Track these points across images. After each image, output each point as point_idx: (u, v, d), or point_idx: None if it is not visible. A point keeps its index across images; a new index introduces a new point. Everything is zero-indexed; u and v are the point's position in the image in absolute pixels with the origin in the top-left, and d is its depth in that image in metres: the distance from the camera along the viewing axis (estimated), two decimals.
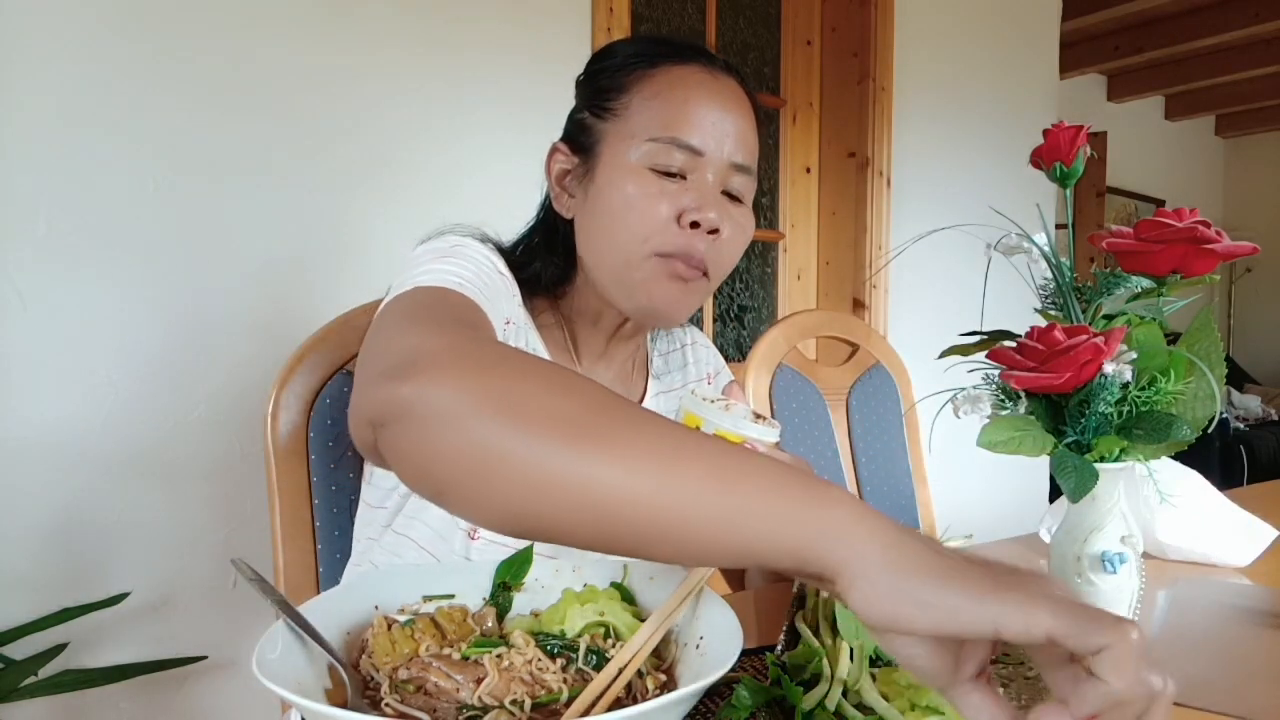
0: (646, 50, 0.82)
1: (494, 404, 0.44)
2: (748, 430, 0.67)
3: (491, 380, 0.45)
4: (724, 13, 2.44)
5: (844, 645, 0.56)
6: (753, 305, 2.60)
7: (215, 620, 1.47)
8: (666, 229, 0.76)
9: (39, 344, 1.32)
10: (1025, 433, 0.67)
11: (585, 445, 0.42)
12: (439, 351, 0.48)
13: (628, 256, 0.77)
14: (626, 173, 0.77)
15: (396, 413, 0.46)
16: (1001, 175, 2.84)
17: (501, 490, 0.43)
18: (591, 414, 0.44)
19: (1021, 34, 2.95)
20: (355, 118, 1.61)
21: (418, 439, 0.45)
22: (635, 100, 0.79)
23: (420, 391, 0.45)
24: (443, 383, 0.45)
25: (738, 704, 0.53)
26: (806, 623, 0.66)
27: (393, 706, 0.51)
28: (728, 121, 0.79)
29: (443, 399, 0.44)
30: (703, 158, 0.77)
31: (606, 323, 0.85)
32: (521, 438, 0.42)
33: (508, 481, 0.43)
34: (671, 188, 0.77)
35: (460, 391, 0.44)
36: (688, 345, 1.01)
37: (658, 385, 0.94)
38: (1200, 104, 5.67)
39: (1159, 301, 0.70)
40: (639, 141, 0.77)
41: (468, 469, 0.43)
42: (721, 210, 0.77)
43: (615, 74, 0.81)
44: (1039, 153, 0.73)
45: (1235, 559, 1.02)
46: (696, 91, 0.78)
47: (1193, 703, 0.63)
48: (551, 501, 0.42)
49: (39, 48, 1.31)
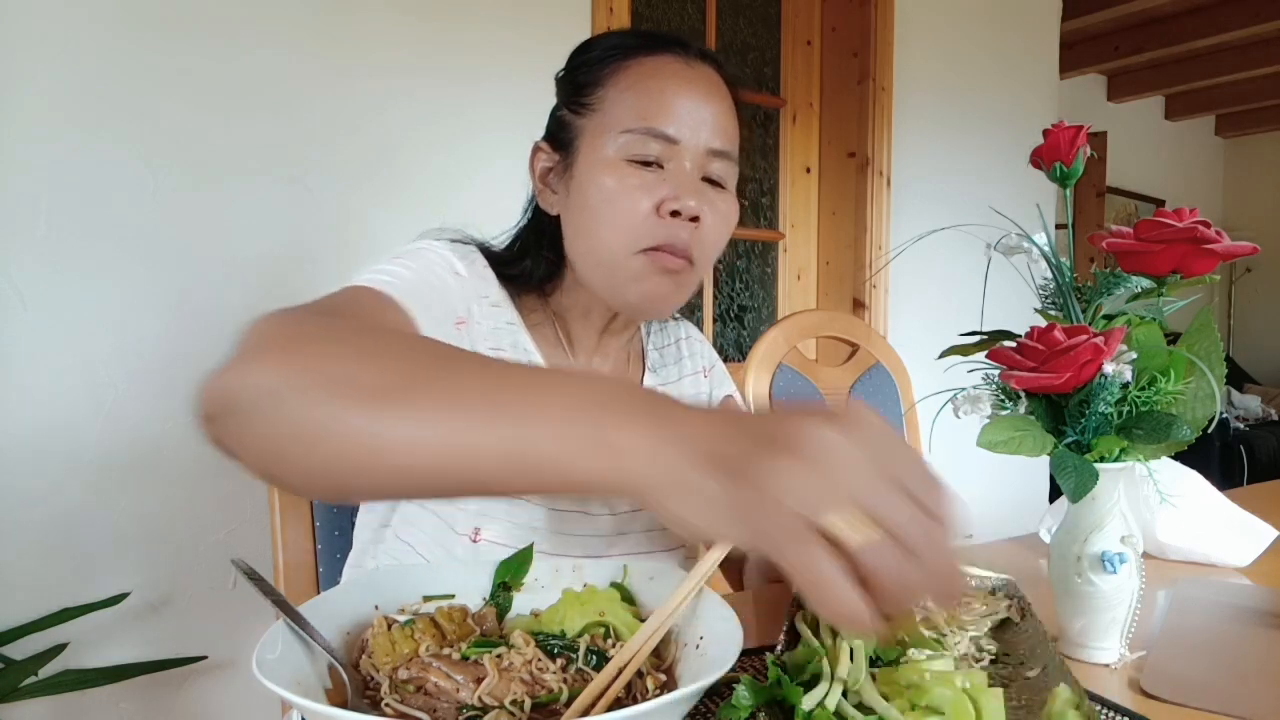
0: (620, 43, 0.82)
1: (304, 380, 0.45)
2: None
3: (302, 359, 0.46)
4: (724, 13, 2.44)
5: (844, 645, 0.56)
6: (753, 305, 2.60)
7: (215, 620, 1.47)
8: (647, 221, 0.77)
9: (39, 344, 1.32)
10: (1025, 433, 0.67)
11: (381, 407, 0.43)
12: (256, 341, 0.49)
13: (613, 254, 0.78)
14: (604, 166, 0.78)
15: (221, 405, 0.47)
16: (1001, 175, 2.84)
17: (320, 462, 0.44)
18: (395, 375, 0.45)
19: (1021, 34, 2.95)
20: (355, 118, 1.61)
21: (242, 425, 0.47)
22: (610, 94, 0.80)
23: (238, 381, 0.46)
24: (255, 369, 0.46)
25: (738, 704, 0.53)
26: (806, 623, 0.66)
27: (393, 706, 0.51)
28: (703, 108, 0.79)
29: (257, 384, 0.46)
30: (679, 145, 0.77)
31: (597, 317, 0.86)
32: (328, 408, 0.44)
33: (324, 454, 0.44)
34: (649, 178, 0.77)
35: (271, 374, 0.46)
36: (682, 339, 1.01)
37: (654, 378, 0.94)
38: (1200, 104, 5.67)
39: (1159, 301, 0.70)
40: (615, 134, 0.78)
41: (286, 447, 0.45)
42: (701, 197, 0.77)
43: (591, 69, 0.82)
44: (1039, 153, 0.73)
45: (1235, 559, 1.02)
46: (670, 81, 0.79)
47: (1193, 703, 0.63)
48: (360, 466, 0.44)
49: (39, 48, 1.31)
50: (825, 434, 0.37)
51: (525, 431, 0.41)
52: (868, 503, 0.36)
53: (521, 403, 0.43)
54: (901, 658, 0.63)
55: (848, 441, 0.37)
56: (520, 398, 0.43)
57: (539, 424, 0.41)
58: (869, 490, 0.36)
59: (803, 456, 0.36)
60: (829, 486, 0.36)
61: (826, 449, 0.37)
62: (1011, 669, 0.64)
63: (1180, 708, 0.62)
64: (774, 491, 0.36)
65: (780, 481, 0.36)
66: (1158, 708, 0.62)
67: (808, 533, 0.36)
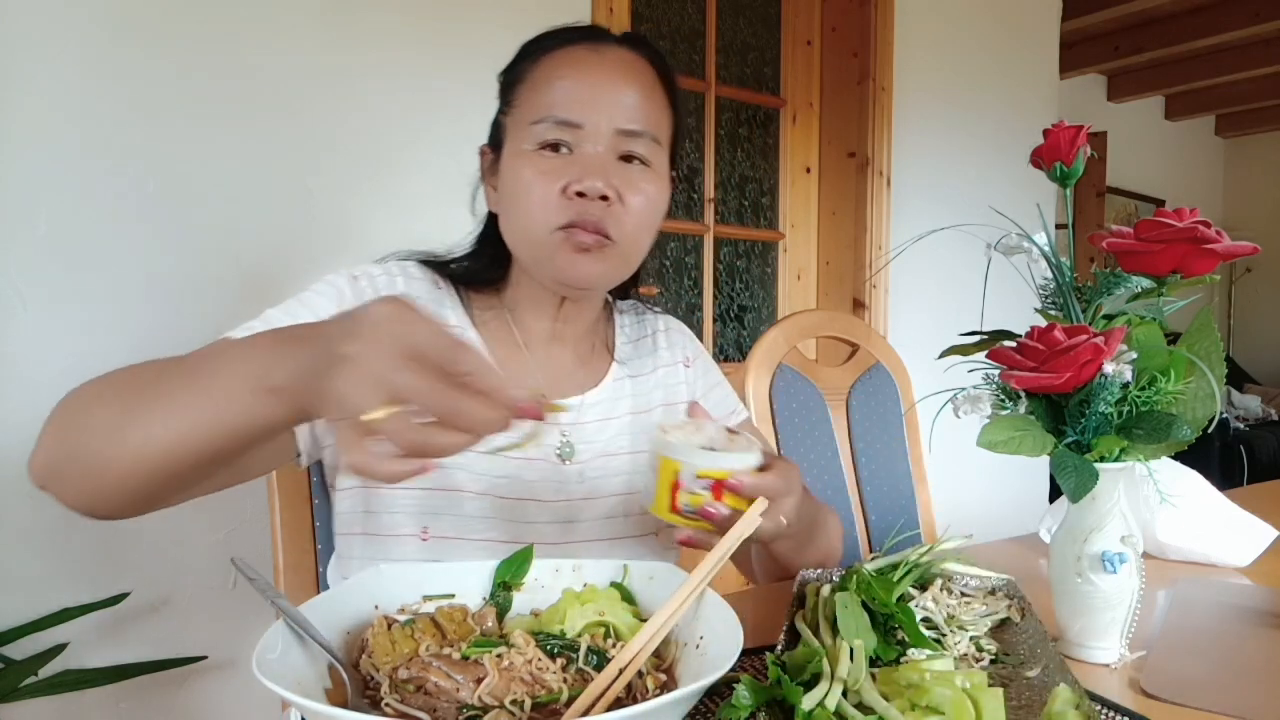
0: (537, 42, 0.87)
1: (67, 446, 0.61)
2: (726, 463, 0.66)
3: (62, 430, 0.62)
4: (724, 13, 2.44)
5: (844, 645, 0.56)
6: (753, 305, 2.60)
7: (215, 620, 1.47)
8: (558, 203, 0.80)
9: (39, 344, 1.32)
10: (1025, 433, 0.67)
11: (115, 435, 0.57)
12: (45, 425, 0.63)
13: (532, 236, 0.82)
14: (520, 157, 0.82)
15: (40, 482, 0.63)
16: (1001, 175, 2.84)
17: (110, 486, 0.59)
18: (120, 405, 0.59)
19: (1021, 34, 2.95)
20: (356, 119, 1.61)
21: (59, 489, 0.62)
22: (524, 91, 0.84)
23: (36, 465, 0.63)
24: (39, 453, 0.62)
25: (738, 704, 0.53)
26: (806, 623, 0.66)
27: (393, 706, 0.51)
28: (610, 92, 0.81)
29: (45, 461, 0.62)
30: (583, 130, 0.80)
31: (546, 306, 0.88)
32: (88, 454, 0.59)
33: (107, 481, 0.59)
34: (557, 163, 0.80)
35: (48, 450, 0.62)
36: (660, 332, 1.01)
37: (623, 369, 0.95)
38: (1200, 104, 5.67)
39: (1159, 301, 0.70)
40: (527, 126, 0.82)
41: (89, 492, 0.61)
42: (609, 177, 0.80)
43: (512, 70, 0.88)
44: (1039, 153, 0.73)
45: (1235, 559, 1.02)
46: (573, 69, 0.82)
47: (1193, 703, 0.63)
48: (128, 474, 0.58)
49: (39, 49, 1.31)
50: (351, 348, 0.46)
51: (216, 405, 0.54)
52: (390, 392, 0.45)
53: (208, 386, 0.55)
54: (901, 658, 0.63)
55: (370, 348, 0.46)
56: (207, 382, 0.55)
57: (222, 397, 0.54)
58: (388, 381, 0.45)
59: (336, 376, 0.46)
60: (357, 394, 0.45)
61: (354, 358, 0.46)
62: (1011, 669, 0.64)
63: (1180, 708, 0.62)
64: (330, 406, 0.47)
65: (330, 401, 0.47)
66: (1158, 708, 0.62)
67: (354, 433, 0.46)
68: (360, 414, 0.45)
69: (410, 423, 0.46)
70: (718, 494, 0.66)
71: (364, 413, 0.45)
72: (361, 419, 0.45)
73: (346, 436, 0.46)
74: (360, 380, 0.46)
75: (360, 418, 0.45)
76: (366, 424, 0.45)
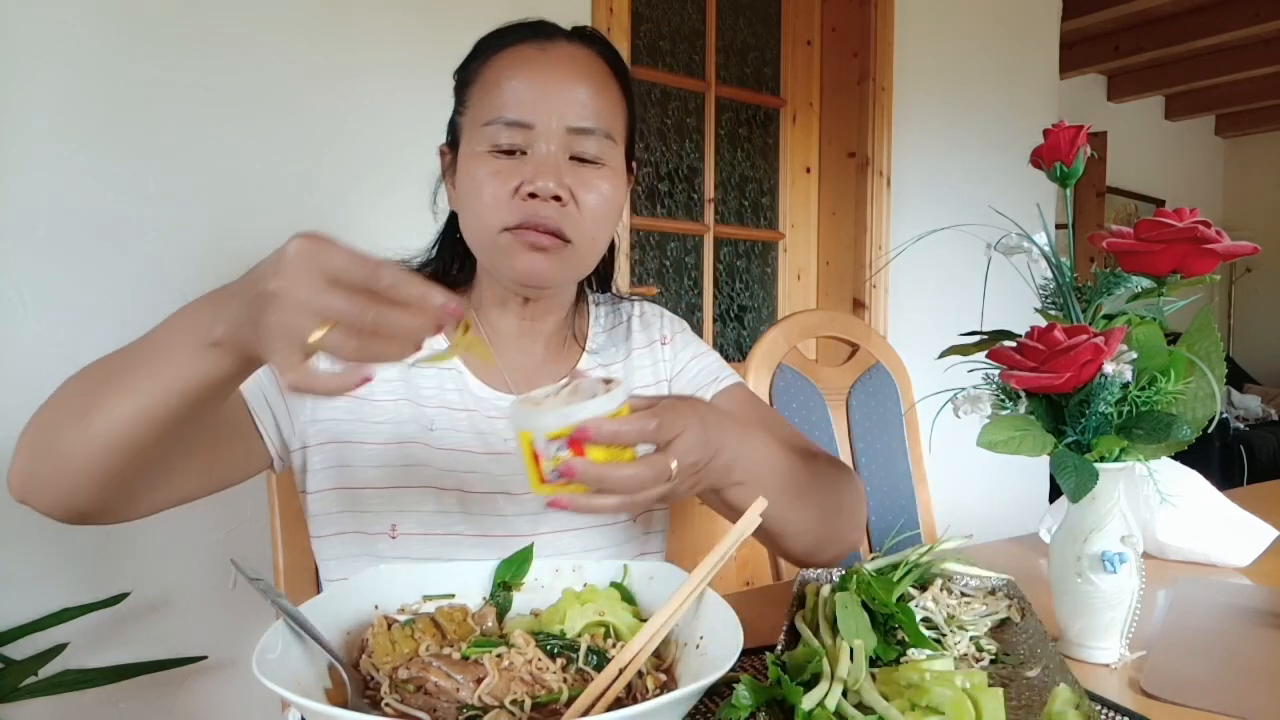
0: (487, 41, 0.86)
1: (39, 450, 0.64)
2: (573, 416, 0.59)
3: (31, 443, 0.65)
4: (724, 13, 2.44)
5: (844, 645, 0.56)
6: (753, 305, 2.60)
7: (215, 620, 1.47)
8: (510, 204, 0.80)
9: (40, 344, 1.32)
10: (1025, 433, 0.67)
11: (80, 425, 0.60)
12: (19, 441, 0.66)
13: (485, 237, 0.82)
14: (474, 160, 0.82)
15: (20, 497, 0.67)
16: (1001, 175, 2.84)
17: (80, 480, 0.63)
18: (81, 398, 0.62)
19: (1021, 34, 2.94)
20: (355, 118, 1.61)
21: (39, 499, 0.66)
22: (476, 92, 0.84)
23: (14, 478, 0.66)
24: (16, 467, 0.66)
25: (738, 704, 0.53)
26: (806, 623, 0.66)
27: (393, 706, 0.52)
28: (559, 90, 0.81)
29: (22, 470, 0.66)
30: (534, 130, 0.80)
31: (511, 303, 0.89)
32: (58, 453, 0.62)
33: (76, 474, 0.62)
34: (509, 164, 0.80)
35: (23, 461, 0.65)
36: (634, 317, 1.00)
37: (594, 359, 0.95)
38: (1200, 104, 5.67)
39: (1159, 301, 0.70)
40: (479, 128, 0.82)
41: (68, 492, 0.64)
42: (561, 178, 0.79)
43: (464, 70, 0.87)
44: (1039, 153, 0.73)
45: (1235, 559, 1.02)
46: (521, 69, 0.81)
47: (1193, 703, 0.63)
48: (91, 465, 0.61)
49: (38, 49, 1.31)
50: (275, 284, 0.49)
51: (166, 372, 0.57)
52: (320, 315, 0.48)
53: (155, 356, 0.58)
54: (901, 658, 0.63)
55: (293, 280, 0.48)
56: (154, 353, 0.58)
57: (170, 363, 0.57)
58: (316, 305, 0.48)
59: (269, 312, 0.49)
60: (292, 324, 0.48)
61: (281, 293, 0.49)
62: (1011, 669, 0.64)
63: (1180, 708, 0.62)
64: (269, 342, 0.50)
65: (268, 338, 0.50)
66: (1158, 708, 0.62)
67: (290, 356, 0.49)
68: (300, 340, 0.48)
69: (348, 336, 0.49)
70: (578, 450, 0.59)
71: (303, 338, 0.48)
72: (308, 342, 0.48)
73: (283, 360, 0.49)
74: (291, 310, 0.48)
75: (306, 341, 0.48)
76: (307, 347, 0.48)
